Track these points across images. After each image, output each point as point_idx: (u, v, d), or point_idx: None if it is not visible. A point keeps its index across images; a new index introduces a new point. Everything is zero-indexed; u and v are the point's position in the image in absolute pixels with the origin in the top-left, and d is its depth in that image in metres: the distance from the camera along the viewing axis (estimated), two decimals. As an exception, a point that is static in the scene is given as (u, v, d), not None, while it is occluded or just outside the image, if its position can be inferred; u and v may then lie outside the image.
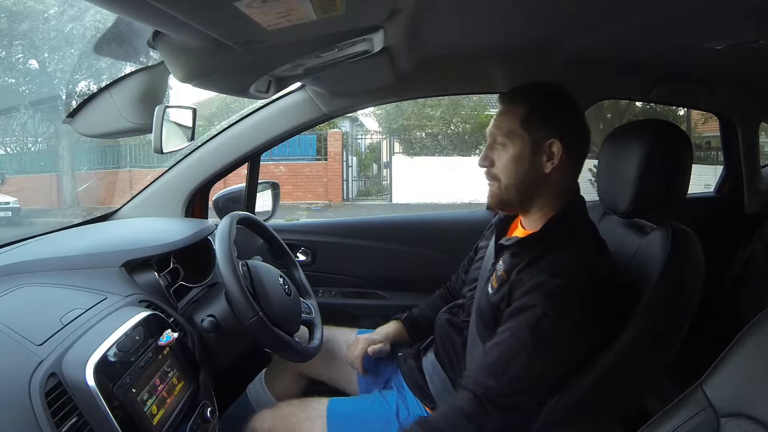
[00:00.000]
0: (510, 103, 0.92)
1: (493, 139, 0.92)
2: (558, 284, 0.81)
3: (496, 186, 0.92)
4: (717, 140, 7.57)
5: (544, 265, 0.85)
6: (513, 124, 0.89)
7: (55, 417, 0.60)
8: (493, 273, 0.95)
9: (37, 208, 6.71)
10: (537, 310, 0.81)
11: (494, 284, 0.93)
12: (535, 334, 0.80)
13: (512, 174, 0.90)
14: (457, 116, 9.85)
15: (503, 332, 0.84)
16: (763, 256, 1.58)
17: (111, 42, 0.91)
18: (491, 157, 0.92)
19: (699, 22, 1.03)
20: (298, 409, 1.03)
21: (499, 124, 0.91)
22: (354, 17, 0.72)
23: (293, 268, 1.19)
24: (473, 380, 0.83)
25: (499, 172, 0.91)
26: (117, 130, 0.93)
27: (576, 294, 0.82)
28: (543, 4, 0.98)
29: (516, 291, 0.86)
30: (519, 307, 0.83)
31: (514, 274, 0.88)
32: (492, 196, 0.94)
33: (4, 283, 0.79)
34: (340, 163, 9.13)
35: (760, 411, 0.59)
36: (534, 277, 0.84)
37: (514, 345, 0.81)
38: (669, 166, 0.93)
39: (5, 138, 7.52)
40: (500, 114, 0.92)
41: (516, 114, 0.90)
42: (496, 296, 0.90)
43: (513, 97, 0.93)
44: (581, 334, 0.84)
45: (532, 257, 0.87)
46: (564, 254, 0.86)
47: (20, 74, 7.02)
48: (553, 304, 0.80)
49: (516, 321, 0.83)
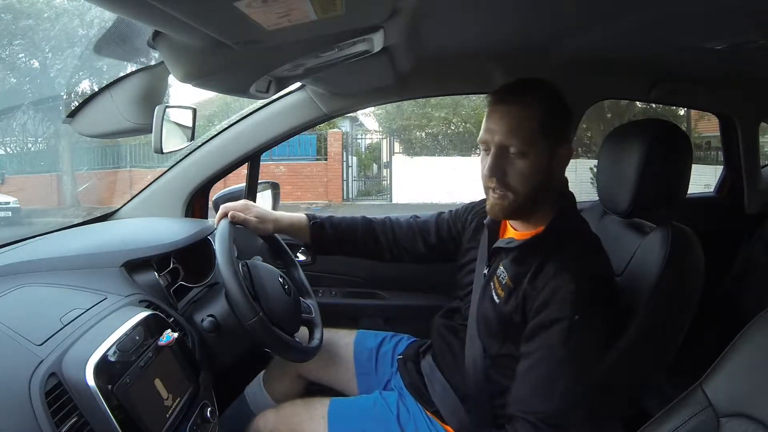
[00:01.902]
0: (519, 104, 0.83)
1: (504, 146, 0.84)
2: (574, 290, 0.80)
3: (511, 198, 0.85)
4: (717, 140, 7.59)
5: (555, 272, 0.83)
6: (532, 131, 0.82)
7: (55, 417, 0.60)
8: (494, 279, 0.94)
9: (37, 208, 6.70)
10: (564, 322, 0.80)
11: (500, 293, 0.91)
12: (568, 347, 0.80)
13: (531, 184, 0.84)
14: (457, 116, 9.86)
15: (535, 352, 0.82)
16: (763, 256, 1.58)
17: (111, 42, 0.91)
18: (503, 167, 0.84)
19: (699, 22, 1.03)
20: (300, 409, 1.03)
21: (512, 131, 0.82)
22: (354, 17, 0.72)
23: (293, 268, 1.19)
24: (523, 409, 0.81)
25: (515, 182, 0.84)
26: (117, 130, 0.93)
27: (592, 295, 0.82)
28: (543, 4, 0.98)
29: (531, 302, 0.84)
30: (542, 324, 0.82)
31: (526, 284, 0.86)
32: (502, 207, 0.87)
33: (4, 283, 0.79)
34: (340, 163, 9.14)
35: (760, 411, 0.59)
36: (546, 286, 0.83)
37: (551, 363, 0.81)
38: (669, 166, 0.93)
39: (5, 138, 7.52)
40: (507, 118, 0.83)
41: (531, 118, 0.83)
42: (507, 307, 0.88)
43: (521, 95, 0.84)
44: (603, 332, 0.84)
45: (538, 262, 0.86)
46: (569, 256, 0.84)
47: (21, 74, 7.03)
48: (576, 311, 0.80)
49: (544, 339, 0.82)
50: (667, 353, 0.92)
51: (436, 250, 1.16)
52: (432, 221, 1.17)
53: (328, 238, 1.14)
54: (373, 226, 1.17)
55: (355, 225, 1.17)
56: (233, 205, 1.06)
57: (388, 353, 1.18)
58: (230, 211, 1.04)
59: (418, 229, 1.17)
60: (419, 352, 1.12)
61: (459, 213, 1.15)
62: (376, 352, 1.19)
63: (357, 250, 1.17)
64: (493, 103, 0.87)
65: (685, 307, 0.90)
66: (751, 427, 0.59)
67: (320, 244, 1.14)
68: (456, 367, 1.00)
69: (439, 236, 1.15)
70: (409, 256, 1.18)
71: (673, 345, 0.91)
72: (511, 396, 0.85)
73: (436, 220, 1.17)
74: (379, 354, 1.18)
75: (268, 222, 1.09)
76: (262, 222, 1.08)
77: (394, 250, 1.17)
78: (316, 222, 1.13)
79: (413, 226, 1.17)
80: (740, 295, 1.58)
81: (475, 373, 0.94)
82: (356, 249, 1.17)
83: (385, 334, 1.23)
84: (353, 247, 1.17)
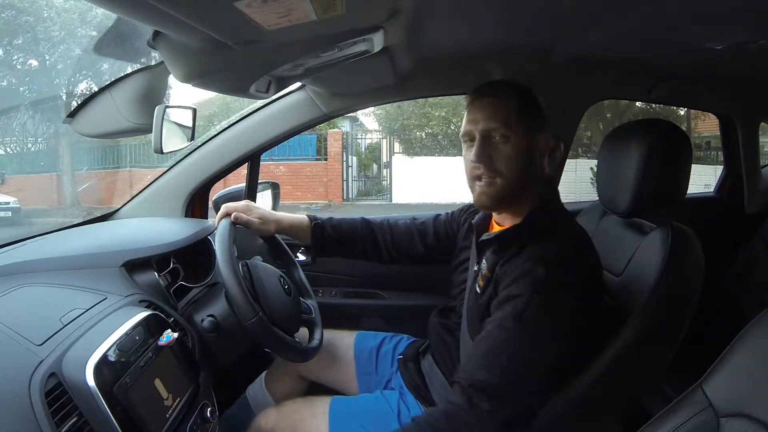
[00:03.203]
0: (496, 96, 0.88)
1: (487, 133, 0.87)
2: (542, 273, 0.80)
3: (499, 183, 0.87)
4: (716, 140, 7.60)
5: (527, 256, 0.84)
6: (509, 116, 0.86)
7: (55, 417, 0.60)
8: (479, 274, 0.94)
9: (37, 208, 6.70)
10: (522, 298, 0.80)
11: (480, 284, 0.92)
12: (521, 322, 0.79)
13: (514, 168, 0.87)
14: (457, 116, 9.85)
15: (489, 323, 0.83)
16: (763, 256, 1.58)
17: (111, 42, 0.91)
18: (489, 153, 0.87)
19: (699, 22, 1.03)
20: (302, 407, 1.04)
21: (493, 117, 0.86)
22: (354, 17, 0.72)
23: (293, 268, 1.19)
24: (465, 375, 0.81)
25: (501, 166, 0.86)
26: (117, 130, 0.93)
27: (561, 281, 0.81)
28: (543, 5, 0.98)
29: (500, 284, 0.85)
30: (503, 298, 0.83)
31: (498, 268, 0.87)
32: (490, 195, 0.88)
33: (4, 283, 0.79)
34: (340, 163, 9.14)
35: (760, 411, 0.59)
36: (517, 269, 0.83)
37: (501, 335, 0.80)
38: (669, 166, 0.93)
39: (5, 138, 7.52)
40: (488, 107, 0.88)
41: (508, 106, 0.87)
42: (484, 297, 0.89)
43: (497, 89, 0.90)
44: (569, 322, 0.82)
45: (515, 250, 0.86)
46: (546, 244, 0.84)
47: (20, 74, 7.03)
48: (537, 291, 0.79)
49: (501, 312, 0.82)
50: (667, 353, 0.92)
51: (434, 252, 1.17)
52: (430, 223, 1.18)
53: (329, 240, 1.14)
54: (371, 228, 1.18)
55: (354, 226, 1.17)
56: (235, 206, 1.06)
57: (388, 353, 1.19)
58: (233, 212, 1.04)
59: (416, 230, 1.18)
60: (419, 352, 1.13)
61: (455, 214, 1.17)
62: (377, 352, 1.19)
63: (356, 252, 1.18)
64: (473, 99, 0.91)
65: (685, 307, 0.90)
66: (751, 427, 0.59)
67: (321, 245, 1.15)
68: (453, 365, 1.01)
69: (437, 238, 1.16)
70: (407, 258, 1.18)
71: (673, 345, 0.91)
72: (461, 362, 0.86)
73: (434, 222, 1.18)
74: (380, 354, 1.19)
75: (269, 223, 1.10)
76: (264, 223, 1.09)
77: (392, 251, 1.17)
78: (317, 223, 1.14)
79: (411, 227, 1.18)
80: (740, 295, 1.58)
81: None
82: (355, 250, 1.17)
83: (385, 335, 1.23)
84: (353, 249, 1.17)
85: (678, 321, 0.90)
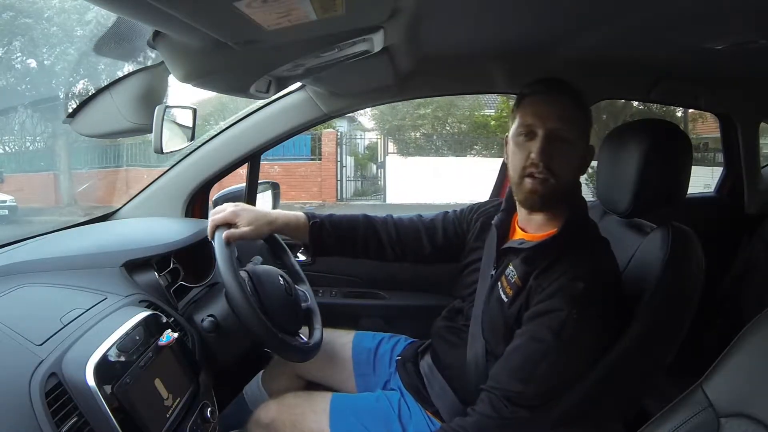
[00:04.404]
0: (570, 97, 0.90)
1: (554, 132, 0.88)
2: (580, 288, 0.82)
3: (551, 183, 0.88)
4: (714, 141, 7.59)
5: (563, 269, 0.85)
6: (578, 120, 0.90)
7: (55, 417, 0.60)
8: (502, 279, 0.94)
9: (35, 207, 6.69)
10: (560, 313, 0.82)
11: (508, 291, 0.92)
12: (559, 337, 0.81)
13: (572, 173, 0.91)
14: (451, 116, 9.81)
15: (523, 335, 0.84)
16: (763, 256, 1.58)
17: (111, 42, 0.91)
18: (551, 152, 0.88)
19: (699, 22, 1.03)
20: (302, 401, 1.03)
21: (563, 118, 0.88)
22: (354, 17, 0.72)
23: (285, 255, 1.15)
24: (495, 385, 0.83)
25: (559, 168, 0.88)
26: (117, 130, 0.92)
27: (598, 296, 0.83)
28: (543, 5, 0.98)
29: (534, 296, 0.86)
30: (540, 311, 0.84)
31: (531, 279, 0.88)
32: (541, 193, 0.89)
33: (4, 283, 0.79)
34: (334, 163, 9.09)
35: (760, 411, 0.59)
36: (554, 282, 0.84)
37: (538, 348, 0.82)
38: (669, 166, 0.93)
39: (4, 137, 7.50)
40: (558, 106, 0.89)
41: (578, 109, 0.90)
42: (514, 306, 0.90)
43: (570, 91, 0.91)
44: (602, 334, 0.86)
45: (549, 261, 0.87)
46: (579, 257, 0.86)
47: (19, 73, 7.02)
48: (576, 307, 0.81)
49: (537, 324, 0.83)
50: (667, 353, 0.92)
51: (442, 250, 1.13)
52: (439, 220, 1.14)
53: (328, 238, 1.09)
54: (374, 225, 1.13)
55: (356, 223, 1.12)
56: (221, 218, 0.99)
57: (386, 354, 1.18)
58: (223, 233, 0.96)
59: (424, 227, 1.13)
60: (417, 353, 1.12)
61: (464, 213, 1.14)
62: (374, 352, 1.18)
63: (358, 250, 1.13)
64: (541, 93, 0.92)
65: (685, 307, 0.91)
66: (751, 427, 0.59)
67: (320, 244, 1.09)
68: (458, 367, 1.00)
69: (446, 236, 1.12)
70: (413, 256, 1.14)
71: (673, 345, 0.91)
72: (491, 372, 0.87)
73: (443, 219, 1.14)
74: (377, 355, 1.18)
75: (262, 225, 1.03)
76: (257, 228, 1.02)
77: (397, 248, 1.12)
78: (315, 221, 1.09)
79: (418, 224, 1.14)
80: (740, 295, 1.58)
81: (476, 373, 0.94)
82: (357, 248, 1.12)
83: (383, 335, 1.23)
84: (354, 247, 1.12)
85: (678, 321, 0.90)
